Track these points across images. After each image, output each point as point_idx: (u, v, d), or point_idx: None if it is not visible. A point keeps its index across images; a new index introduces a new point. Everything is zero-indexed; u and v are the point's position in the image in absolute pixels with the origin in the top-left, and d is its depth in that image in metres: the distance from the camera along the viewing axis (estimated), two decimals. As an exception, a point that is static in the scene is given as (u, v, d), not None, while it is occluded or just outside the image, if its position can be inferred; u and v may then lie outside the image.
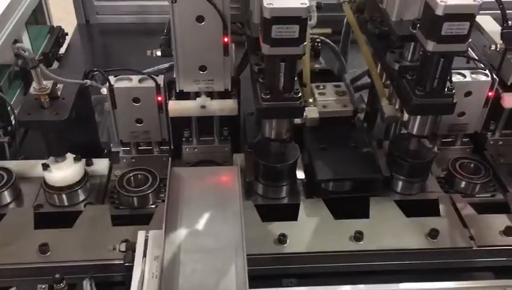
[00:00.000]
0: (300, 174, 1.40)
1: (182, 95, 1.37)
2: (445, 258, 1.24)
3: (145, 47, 1.38)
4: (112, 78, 1.36)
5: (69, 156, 1.31)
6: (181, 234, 1.09)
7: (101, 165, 1.42)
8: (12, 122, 1.50)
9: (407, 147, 1.34)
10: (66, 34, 2.09)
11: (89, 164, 1.40)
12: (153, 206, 1.34)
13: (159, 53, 1.35)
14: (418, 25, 1.12)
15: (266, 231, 1.25)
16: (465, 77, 1.39)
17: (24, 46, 1.17)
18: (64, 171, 1.30)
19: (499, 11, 1.33)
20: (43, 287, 1.11)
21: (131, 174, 1.38)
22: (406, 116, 1.28)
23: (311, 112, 1.36)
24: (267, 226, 1.26)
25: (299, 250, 1.22)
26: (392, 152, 1.37)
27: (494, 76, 1.40)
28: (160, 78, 1.37)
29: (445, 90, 1.17)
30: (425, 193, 1.39)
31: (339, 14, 1.71)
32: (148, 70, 1.52)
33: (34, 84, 1.19)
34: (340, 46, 1.74)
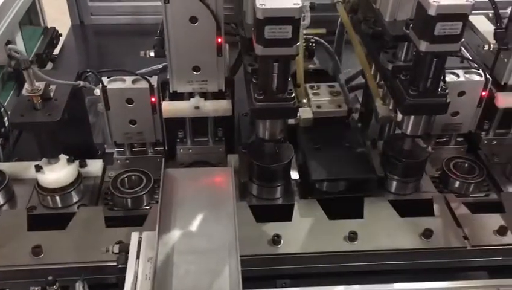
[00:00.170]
0: (294, 175, 1.41)
1: (176, 96, 1.36)
2: (440, 258, 1.24)
3: (139, 48, 1.38)
4: (105, 79, 1.35)
5: (62, 158, 1.31)
6: (174, 235, 1.09)
7: (94, 166, 1.41)
8: (6, 123, 1.49)
9: (401, 147, 1.34)
10: (60, 35, 2.09)
11: (82, 165, 1.39)
12: (147, 207, 1.33)
13: (153, 54, 1.35)
14: (411, 25, 1.13)
15: (260, 231, 1.25)
16: (458, 76, 1.40)
17: (16, 48, 1.17)
18: (57, 173, 1.29)
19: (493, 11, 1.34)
20: (36, 289, 1.10)
21: (125, 175, 1.37)
22: (399, 116, 1.28)
23: (305, 113, 1.37)
24: (261, 227, 1.26)
25: (293, 251, 1.22)
26: (386, 152, 1.37)
27: (488, 76, 1.41)
28: (153, 79, 1.36)
29: (439, 90, 1.17)
30: (419, 193, 1.39)
31: (333, 14, 1.72)
32: (141, 71, 1.51)
33: (26, 85, 1.19)
34: (334, 46, 1.74)
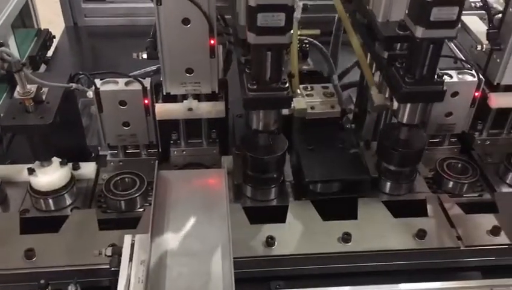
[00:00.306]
0: (288, 176, 1.40)
1: (169, 98, 1.36)
2: (433, 259, 1.24)
3: (133, 49, 1.37)
4: (98, 81, 1.35)
5: (55, 160, 1.30)
6: (167, 237, 1.08)
7: (88, 169, 1.41)
8: (-1, 126, 1.49)
9: (398, 136, 1.31)
10: (54, 37, 2.08)
11: (75, 167, 1.39)
12: (140, 209, 1.33)
13: (145, 56, 1.34)
14: (407, 11, 1.10)
15: (254, 233, 1.25)
16: (451, 77, 1.40)
17: (7, 50, 1.16)
18: (50, 176, 1.29)
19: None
20: (28, 293, 1.10)
21: (118, 177, 1.37)
22: (395, 104, 1.26)
23: (299, 103, 1.34)
24: (255, 229, 1.26)
25: (287, 252, 1.22)
26: (382, 142, 1.35)
27: (481, 76, 1.41)
28: (146, 81, 1.36)
29: (435, 77, 1.15)
30: (413, 194, 1.39)
31: (327, 15, 1.72)
32: (135, 73, 1.51)
33: (18, 88, 1.19)
34: (330, 46, 1.73)
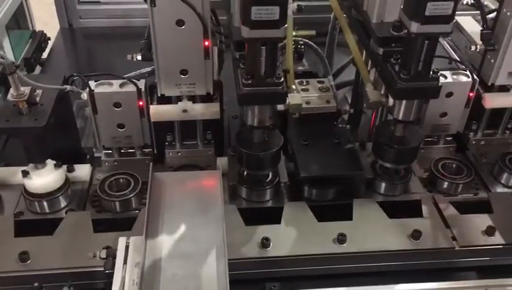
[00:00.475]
0: (283, 177, 1.40)
1: (164, 100, 1.35)
2: (428, 259, 1.24)
3: (129, 51, 1.37)
4: (93, 82, 1.34)
5: (50, 163, 1.30)
6: (162, 239, 1.08)
7: (82, 171, 1.40)
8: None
9: (393, 133, 1.31)
10: (49, 39, 2.07)
11: (70, 170, 1.38)
12: (136, 211, 1.32)
13: (140, 57, 1.34)
14: (402, 6, 1.10)
15: (249, 234, 1.24)
16: (446, 78, 1.40)
17: (1, 52, 1.16)
18: (44, 178, 1.28)
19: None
20: (23, 296, 1.10)
21: (112, 178, 1.36)
22: (391, 101, 1.26)
23: (294, 99, 1.33)
24: (250, 230, 1.26)
25: (283, 253, 1.22)
26: (377, 139, 1.34)
27: (475, 77, 1.41)
28: (141, 83, 1.36)
29: (431, 73, 1.14)
30: (408, 194, 1.39)
31: (323, 16, 1.72)
32: (130, 74, 1.50)
33: (11, 90, 1.18)
34: (325, 47, 1.73)
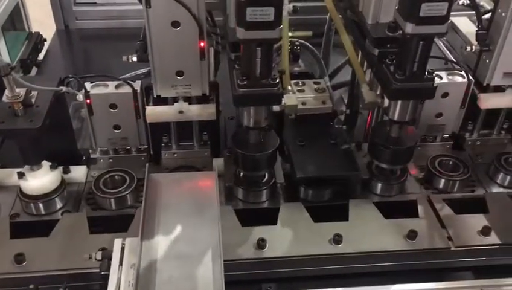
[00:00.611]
0: (280, 178, 1.40)
1: (160, 101, 1.35)
2: (424, 259, 1.24)
3: (125, 52, 1.36)
4: (88, 84, 1.34)
5: (45, 164, 1.30)
6: (158, 241, 1.08)
7: (78, 172, 1.40)
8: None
9: (389, 133, 1.31)
10: (45, 40, 2.07)
11: (66, 171, 1.38)
12: (131, 209, 1.32)
13: (135, 58, 1.34)
14: (397, 7, 1.10)
15: (245, 235, 1.25)
16: (441, 78, 1.40)
17: (-6, 54, 1.16)
18: (40, 180, 1.28)
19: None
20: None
21: (107, 175, 1.36)
22: (386, 101, 1.26)
23: (290, 99, 1.33)
24: (247, 231, 1.26)
25: (279, 254, 1.22)
26: (373, 140, 1.34)
27: (471, 77, 1.41)
28: (137, 84, 1.36)
29: (426, 74, 1.15)
30: (404, 195, 1.39)
31: (319, 16, 1.72)
32: (125, 75, 1.50)
33: (6, 92, 1.18)
34: (322, 47, 1.73)
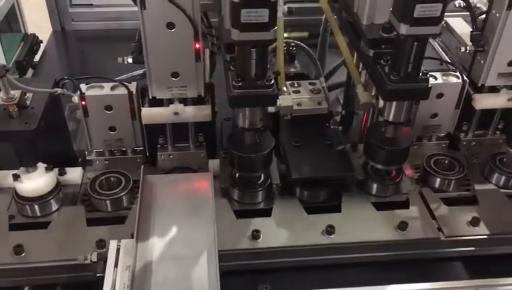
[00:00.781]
0: (275, 179, 1.41)
1: (155, 102, 1.35)
2: (415, 249, 1.26)
3: (121, 54, 1.37)
4: (84, 86, 1.34)
5: (41, 166, 1.30)
6: (153, 242, 1.08)
7: (74, 174, 1.40)
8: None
9: (384, 134, 1.32)
10: (41, 42, 2.07)
11: (61, 173, 1.38)
12: (127, 210, 1.31)
13: (131, 60, 1.34)
14: (391, 8, 1.10)
15: (240, 227, 1.27)
16: (436, 79, 1.40)
17: (-10, 56, 1.16)
18: (35, 182, 1.28)
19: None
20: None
21: (103, 177, 1.36)
22: (381, 102, 1.27)
23: (285, 101, 1.33)
24: (241, 223, 1.28)
25: (273, 245, 1.24)
26: (368, 140, 1.35)
27: (465, 78, 1.42)
28: (132, 85, 1.36)
29: (420, 75, 1.15)
30: (400, 195, 1.39)
31: (315, 17, 1.73)
32: (121, 77, 1.50)
33: (1, 94, 1.18)
34: (317, 48, 1.73)
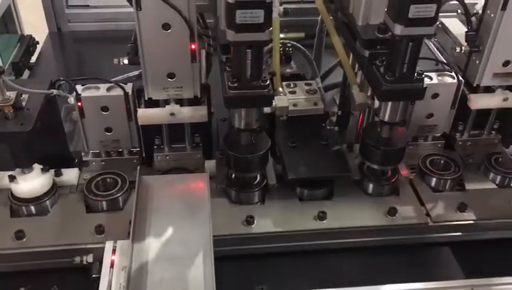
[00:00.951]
0: (271, 179, 1.41)
1: (151, 103, 1.35)
2: (403, 234, 1.29)
3: (117, 55, 1.37)
4: (80, 87, 1.34)
5: (37, 167, 1.30)
6: (149, 243, 1.09)
7: (70, 175, 1.40)
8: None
9: (380, 134, 1.32)
10: (37, 43, 2.07)
11: (58, 174, 1.38)
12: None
13: (126, 61, 1.34)
14: (386, 9, 1.11)
15: (234, 213, 1.30)
16: (431, 79, 1.41)
17: (-15, 57, 1.16)
18: (31, 183, 1.28)
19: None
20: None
21: (99, 178, 1.36)
22: (376, 103, 1.27)
23: (281, 101, 1.33)
24: (235, 209, 1.31)
25: (266, 230, 1.26)
26: (364, 141, 1.35)
27: (461, 78, 1.42)
28: (128, 86, 1.36)
29: (415, 75, 1.16)
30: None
31: (311, 18, 1.73)
32: (117, 78, 1.50)
33: (-3, 95, 1.18)
34: (313, 48, 1.74)
